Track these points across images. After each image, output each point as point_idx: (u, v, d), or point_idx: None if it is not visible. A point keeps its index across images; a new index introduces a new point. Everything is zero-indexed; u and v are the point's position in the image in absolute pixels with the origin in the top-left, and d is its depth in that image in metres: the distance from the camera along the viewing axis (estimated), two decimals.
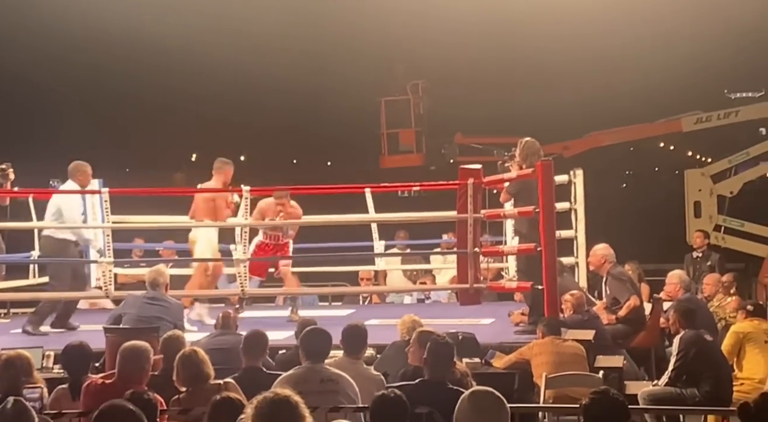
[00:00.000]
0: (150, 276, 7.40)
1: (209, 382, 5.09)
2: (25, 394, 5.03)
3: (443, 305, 10.31)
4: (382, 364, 6.19)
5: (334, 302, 10.72)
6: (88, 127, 16.97)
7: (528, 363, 6.42)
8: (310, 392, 4.56)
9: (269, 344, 6.51)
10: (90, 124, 17.04)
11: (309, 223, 9.38)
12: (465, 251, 8.02)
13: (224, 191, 8.81)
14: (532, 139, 7.87)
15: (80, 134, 16.57)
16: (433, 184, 9.72)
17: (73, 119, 16.94)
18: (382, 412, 4.02)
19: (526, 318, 7.71)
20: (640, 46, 16.26)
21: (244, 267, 8.36)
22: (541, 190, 7.40)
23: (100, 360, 6.49)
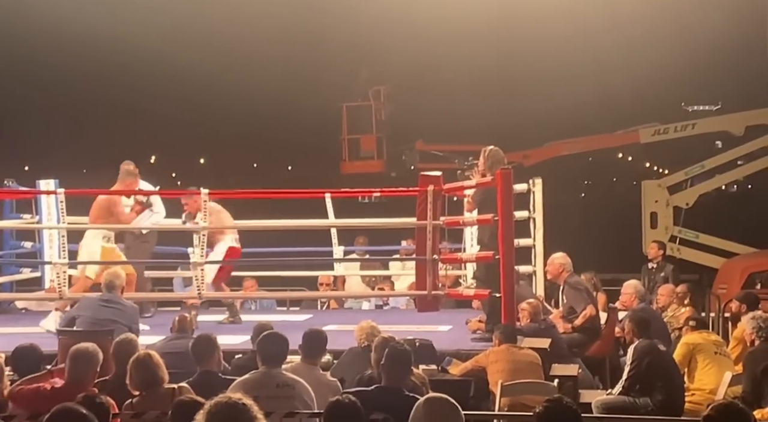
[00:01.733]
0: (106, 278, 7.31)
1: (163, 386, 5.04)
2: None
3: (401, 311, 10.31)
4: (338, 370, 6.17)
5: (293, 307, 10.67)
6: (45, 127, 16.77)
7: (484, 371, 6.44)
8: (266, 397, 4.55)
9: (226, 348, 6.49)
10: (48, 125, 16.84)
11: (268, 227, 9.34)
12: (424, 258, 8.03)
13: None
14: (496, 147, 7.90)
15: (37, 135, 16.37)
16: (394, 190, 9.73)
17: (31, 119, 16.72)
18: (335, 418, 4.00)
19: (483, 326, 7.73)
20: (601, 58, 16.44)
21: (201, 271, 8.29)
22: (500, 198, 7.43)
23: (53, 362, 6.40)
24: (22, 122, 16.65)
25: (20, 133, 16.37)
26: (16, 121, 16.60)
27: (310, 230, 9.88)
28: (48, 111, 16.93)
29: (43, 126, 16.74)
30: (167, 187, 16.70)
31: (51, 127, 16.89)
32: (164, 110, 17.30)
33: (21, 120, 16.71)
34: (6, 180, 9.65)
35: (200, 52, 16.09)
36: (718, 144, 17.46)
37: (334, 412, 4.08)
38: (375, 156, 16.55)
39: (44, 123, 16.84)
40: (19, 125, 16.57)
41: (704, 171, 15.01)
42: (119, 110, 17.16)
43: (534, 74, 16.12)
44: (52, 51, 15.51)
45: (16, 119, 16.66)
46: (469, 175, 8.56)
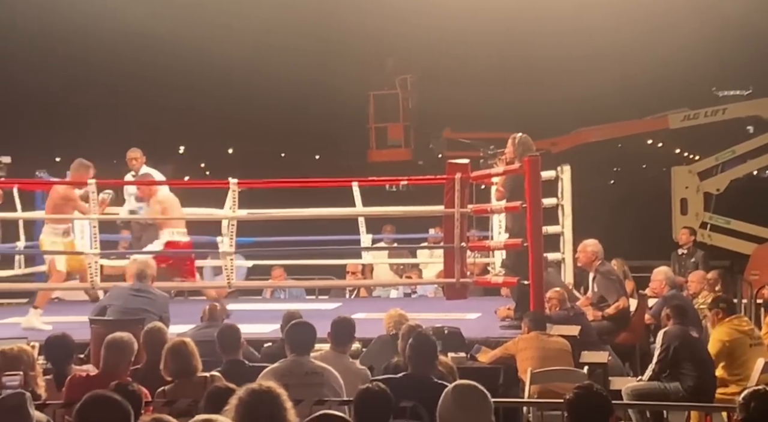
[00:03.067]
0: (137, 268, 7.36)
1: (196, 375, 5.08)
2: (5, 382, 5.04)
3: (429, 299, 10.32)
4: (367, 358, 6.19)
5: (321, 295, 10.72)
6: (78, 119, 16.92)
7: (513, 358, 6.43)
8: (295, 385, 4.57)
9: (255, 337, 6.54)
10: (80, 116, 16.99)
11: (296, 216, 9.36)
12: (452, 246, 8.03)
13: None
14: (525, 134, 7.87)
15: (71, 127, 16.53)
16: (421, 178, 9.72)
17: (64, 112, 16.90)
18: (365, 405, 4.02)
19: (512, 313, 7.72)
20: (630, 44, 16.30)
21: (230, 260, 8.34)
22: (528, 185, 7.41)
23: (85, 351, 6.47)
24: (53, 115, 16.81)
25: (51, 125, 16.53)
26: (47, 113, 16.76)
27: (338, 219, 9.90)
28: (78, 104, 17.08)
29: (73, 118, 16.89)
30: (196, 177, 16.83)
31: (81, 119, 17.04)
32: (193, 101, 17.39)
33: (52, 112, 16.88)
34: (38, 171, 9.75)
35: (227, 43, 16.14)
36: (750, 129, 17.25)
37: (364, 399, 4.09)
38: (402, 144, 16.53)
39: (75, 115, 16.99)
40: (50, 118, 16.73)
41: (735, 156, 14.84)
42: (148, 102, 17.27)
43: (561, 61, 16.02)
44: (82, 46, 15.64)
45: (48, 112, 16.83)
46: (492, 163, 8.55)
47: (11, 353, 5.34)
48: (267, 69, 16.86)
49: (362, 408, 4.01)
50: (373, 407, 4.02)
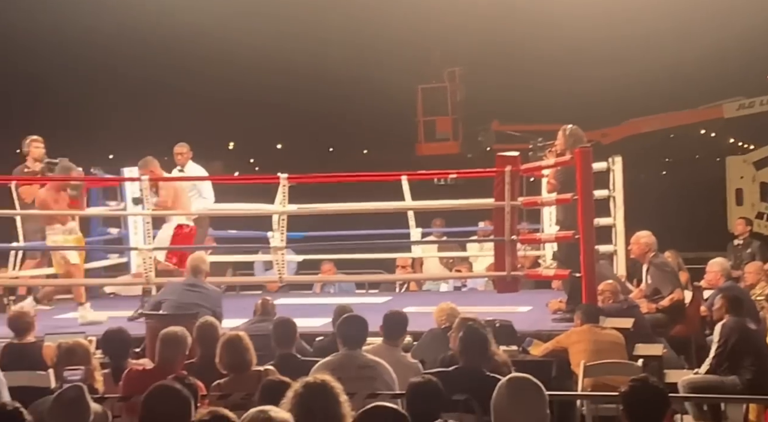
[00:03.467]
0: (192, 263, 7.44)
1: (251, 369, 5.12)
2: (67, 376, 5.13)
3: (480, 292, 10.29)
4: (418, 351, 6.19)
5: (371, 289, 10.74)
6: (129, 117, 17.15)
7: (566, 351, 6.39)
8: (348, 378, 4.58)
9: (307, 331, 6.57)
10: (131, 114, 17.22)
11: (345, 211, 9.40)
12: (502, 239, 7.99)
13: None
14: (575, 126, 7.80)
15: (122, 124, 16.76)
16: (470, 171, 9.69)
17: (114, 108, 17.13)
18: (417, 398, 4.02)
19: (564, 306, 7.67)
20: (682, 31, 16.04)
21: (281, 254, 8.39)
22: (580, 177, 7.35)
23: (141, 345, 6.56)
24: (107, 112, 17.06)
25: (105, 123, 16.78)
26: (100, 111, 17.02)
27: (387, 213, 9.91)
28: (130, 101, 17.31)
29: (126, 115, 17.12)
30: (246, 172, 16.96)
31: (134, 116, 17.27)
32: (242, 97, 17.51)
33: (105, 110, 17.12)
34: (93, 168, 9.90)
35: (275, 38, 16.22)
36: None
37: (416, 392, 4.09)
38: (451, 137, 16.49)
39: (127, 112, 17.22)
40: (103, 115, 16.99)
41: None
42: (198, 99, 17.44)
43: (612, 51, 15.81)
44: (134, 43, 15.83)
45: (101, 109, 17.08)
46: (542, 155, 8.49)
47: (69, 347, 5.44)
48: (314, 64, 16.92)
49: (414, 401, 4.01)
50: (424, 400, 4.02)
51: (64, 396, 3.42)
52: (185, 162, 9.25)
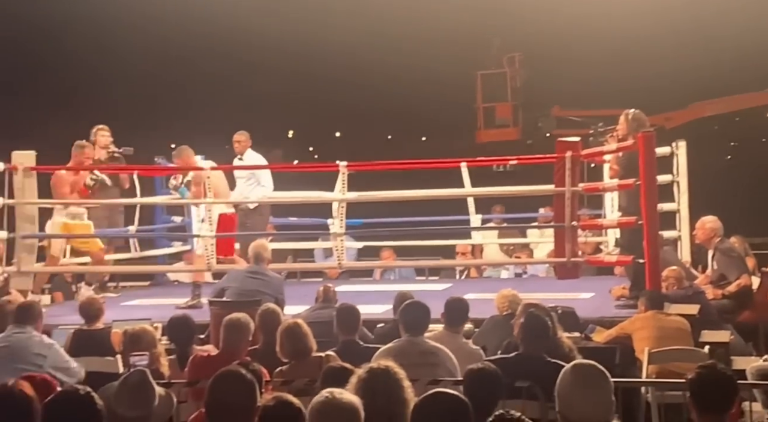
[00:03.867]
0: (254, 250, 7.51)
1: (311, 355, 5.16)
2: (133, 362, 5.24)
3: (541, 279, 10.22)
4: (480, 338, 6.18)
5: (431, 276, 10.74)
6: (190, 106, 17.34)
7: (629, 338, 6.31)
8: (410, 365, 4.57)
9: (368, 317, 6.60)
10: (192, 103, 17.41)
11: (405, 198, 9.40)
12: (562, 225, 7.92)
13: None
14: (638, 110, 7.70)
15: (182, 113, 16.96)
16: (531, 157, 9.62)
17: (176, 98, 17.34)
18: (476, 385, 4.01)
19: (627, 292, 7.59)
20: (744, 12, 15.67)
21: (340, 241, 8.43)
22: (643, 162, 7.25)
23: (205, 332, 6.66)
24: (168, 102, 17.30)
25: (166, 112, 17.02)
26: (162, 101, 17.26)
27: (447, 200, 9.88)
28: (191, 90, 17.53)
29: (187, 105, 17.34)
30: (305, 160, 17.06)
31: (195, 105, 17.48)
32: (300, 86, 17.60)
33: (166, 100, 17.36)
34: (156, 157, 10.05)
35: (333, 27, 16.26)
36: None
37: (474, 379, 4.09)
38: (510, 124, 16.38)
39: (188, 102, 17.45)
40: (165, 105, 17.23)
41: None
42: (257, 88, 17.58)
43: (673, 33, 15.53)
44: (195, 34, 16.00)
45: (162, 99, 17.32)
46: (603, 141, 8.39)
47: (136, 333, 5.54)
48: (373, 52, 16.91)
49: (472, 387, 4.01)
50: (483, 387, 4.01)
51: (128, 380, 3.48)
52: (243, 150, 9.31)
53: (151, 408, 3.45)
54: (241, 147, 9.33)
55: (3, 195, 8.17)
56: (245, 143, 9.32)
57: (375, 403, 3.20)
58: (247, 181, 9.18)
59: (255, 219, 9.16)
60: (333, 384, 3.43)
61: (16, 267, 8.12)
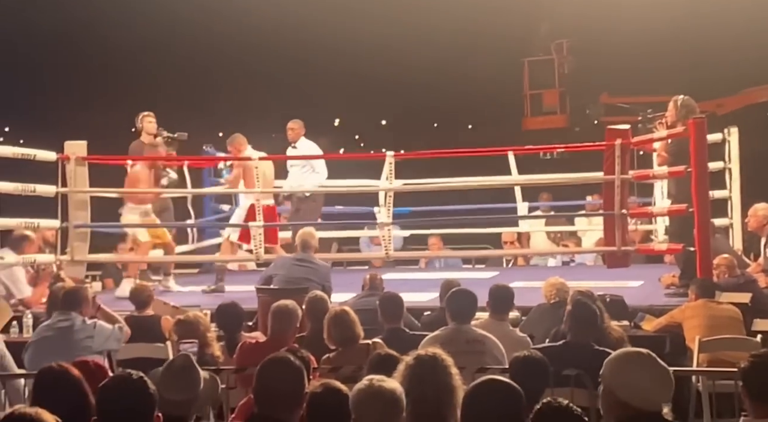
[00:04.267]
0: (301, 238, 7.55)
1: (359, 342, 5.18)
2: (184, 349, 5.30)
3: (589, 267, 10.14)
4: (527, 327, 6.15)
5: (477, 264, 10.71)
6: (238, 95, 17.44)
7: (679, 327, 6.24)
8: (456, 352, 4.57)
9: (415, 305, 6.61)
10: (240, 92, 17.51)
11: (451, 186, 9.39)
12: (612, 213, 7.85)
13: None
14: (688, 97, 7.59)
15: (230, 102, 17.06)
16: (579, 145, 9.54)
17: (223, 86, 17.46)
18: (521, 373, 3.99)
19: (677, 281, 7.49)
20: None
21: (387, 230, 8.44)
22: (693, 149, 7.14)
23: (253, 319, 6.71)
24: (216, 90, 17.41)
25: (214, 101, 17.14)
26: (210, 89, 17.37)
27: (493, 189, 9.84)
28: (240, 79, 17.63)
29: (235, 93, 17.45)
30: (351, 150, 17.07)
31: (243, 94, 17.58)
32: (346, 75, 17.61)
33: (214, 88, 17.47)
34: (204, 146, 10.13)
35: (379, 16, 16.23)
36: None
37: (520, 367, 4.07)
38: (558, 111, 16.21)
39: (236, 91, 17.55)
40: (213, 93, 17.34)
41: None
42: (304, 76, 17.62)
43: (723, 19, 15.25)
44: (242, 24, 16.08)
45: (210, 88, 17.43)
46: (651, 128, 8.29)
47: (188, 319, 5.61)
48: (418, 41, 16.84)
49: (519, 375, 3.98)
50: (530, 374, 3.99)
51: (173, 364, 3.53)
52: (297, 138, 9.33)
53: (197, 391, 3.48)
54: (294, 135, 9.34)
55: (56, 184, 8.31)
56: (298, 131, 9.32)
57: (423, 390, 3.20)
58: (301, 168, 9.19)
59: (309, 206, 9.18)
60: (380, 371, 3.44)
61: (69, 256, 8.25)
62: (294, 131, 9.34)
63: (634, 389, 2.99)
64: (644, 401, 2.98)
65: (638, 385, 2.99)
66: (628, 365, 3.07)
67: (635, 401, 2.97)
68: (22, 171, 8.41)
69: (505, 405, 2.97)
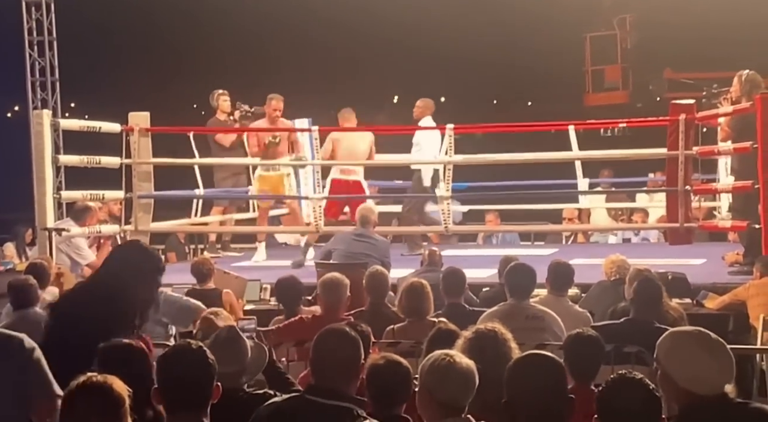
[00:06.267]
0: (361, 213, 7.58)
1: (427, 318, 5.19)
2: (242, 325, 5.34)
3: (651, 245, 10.02)
4: (587, 303, 6.10)
5: (537, 241, 10.64)
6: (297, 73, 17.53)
7: (743, 305, 6.14)
8: (515, 329, 4.56)
9: (473, 281, 6.59)
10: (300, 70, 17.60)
11: (511, 161, 9.31)
12: (675, 189, 7.73)
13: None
14: (753, 71, 7.43)
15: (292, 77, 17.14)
16: (643, 120, 9.38)
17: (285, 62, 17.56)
18: (575, 350, 3.96)
19: (741, 258, 7.37)
20: None
21: (447, 204, 8.42)
22: (760, 124, 6.99)
23: (312, 293, 6.76)
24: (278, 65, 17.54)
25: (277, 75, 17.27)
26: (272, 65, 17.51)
27: (554, 164, 9.75)
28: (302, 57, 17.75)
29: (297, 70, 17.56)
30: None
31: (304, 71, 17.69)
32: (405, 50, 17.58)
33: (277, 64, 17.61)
34: None
35: None
36: None
37: (575, 344, 4.05)
38: (620, 87, 15.99)
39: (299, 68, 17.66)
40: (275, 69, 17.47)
41: None
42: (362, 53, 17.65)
43: None
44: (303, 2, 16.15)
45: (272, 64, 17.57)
46: (716, 103, 8.13)
47: None
48: (478, 15, 16.72)
49: (573, 352, 3.97)
50: (584, 351, 3.97)
51: (219, 336, 3.61)
52: (420, 117, 9.25)
53: (244, 362, 3.53)
54: (419, 113, 9.29)
55: (120, 156, 8.45)
56: (422, 110, 9.26)
57: (483, 365, 3.20)
58: (414, 146, 9.17)
59: (413, 185, 9.15)
60: (440, 346, 3.45)
61: (133, 226, 8.40)
62: (419, 108, 9.28)
63: (695, 374, 2.88)
64: (707, 386, 2.87)
65: (698, 369, 2.88)
66: (685, 348, 2.96)
67: (698, 387, 2.86)
68: (87, 144, 8.58)
69: (547, 379, 2.94)
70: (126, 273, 3.76)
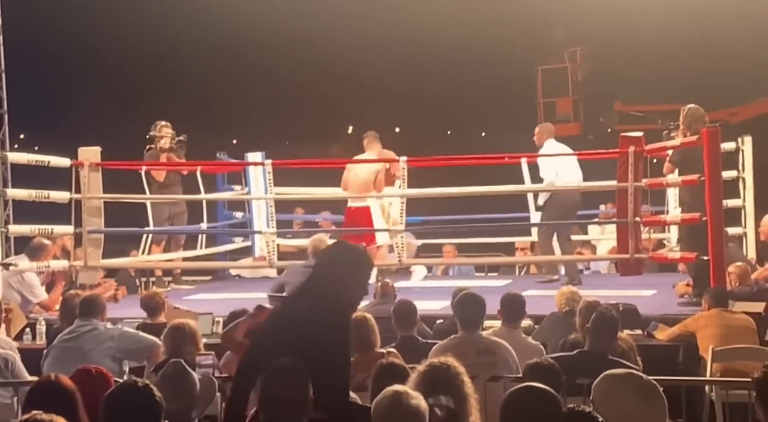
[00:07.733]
0: (312, 244, 7.56)
1: (375, 350, 5.17)
2: (199, 361, 5.27)
3: (602, 276, 10.10)
4: (540, 335, 6.13)
5: (490, 272, 10.68)
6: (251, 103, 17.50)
7: (693, 336, 6.20)
8: (467, 365, 4.58)
9: (427, 313, 6.59)
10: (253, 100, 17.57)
11: (465, 194, 9.36)
12: (625, 221, 7.83)
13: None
14: (695, 105, 7.58)
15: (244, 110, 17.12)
16: (593, 153, 9.50)
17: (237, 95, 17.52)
18: (534, 380, 3.97)
19: (691, 290, 7.46)
20: None
21: (401, 237, 8.44)
22: (707, 158, 7.11)
23: None
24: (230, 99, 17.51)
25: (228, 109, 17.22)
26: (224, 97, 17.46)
27: (506, 196, 9.81)
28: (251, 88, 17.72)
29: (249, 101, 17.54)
30: None
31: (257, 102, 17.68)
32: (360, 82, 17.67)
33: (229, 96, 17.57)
34: (218, 153, 10.16)
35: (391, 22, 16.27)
36: None
37: (533, 374, 4.05)
38: (571, 119, 16.20)
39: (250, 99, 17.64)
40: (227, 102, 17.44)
41: None
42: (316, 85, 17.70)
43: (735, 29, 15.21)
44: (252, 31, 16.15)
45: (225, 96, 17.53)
46: (674, 136, 8.30)
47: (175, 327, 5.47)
48: (432, 48, 16.88)
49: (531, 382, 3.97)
50: (542, 381, 3.97)
51: (166, 372, 3.56)
52: (541, 142, 9.08)
53: (193, 397, 3.49)
54: (538, 138, 9.10)
55: (70, 190, 8.34)
56: (541, 135, 9.07)
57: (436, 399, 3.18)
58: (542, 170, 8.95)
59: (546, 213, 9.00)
60: (385, 380, 3.42)
61: (82, 262, 8.28)
62: (537, 134, 9.17)
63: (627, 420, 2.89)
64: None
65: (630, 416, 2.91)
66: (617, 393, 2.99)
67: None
68: (36, 178, 8.46)
69: (544, 411, 2.93)
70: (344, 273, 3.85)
